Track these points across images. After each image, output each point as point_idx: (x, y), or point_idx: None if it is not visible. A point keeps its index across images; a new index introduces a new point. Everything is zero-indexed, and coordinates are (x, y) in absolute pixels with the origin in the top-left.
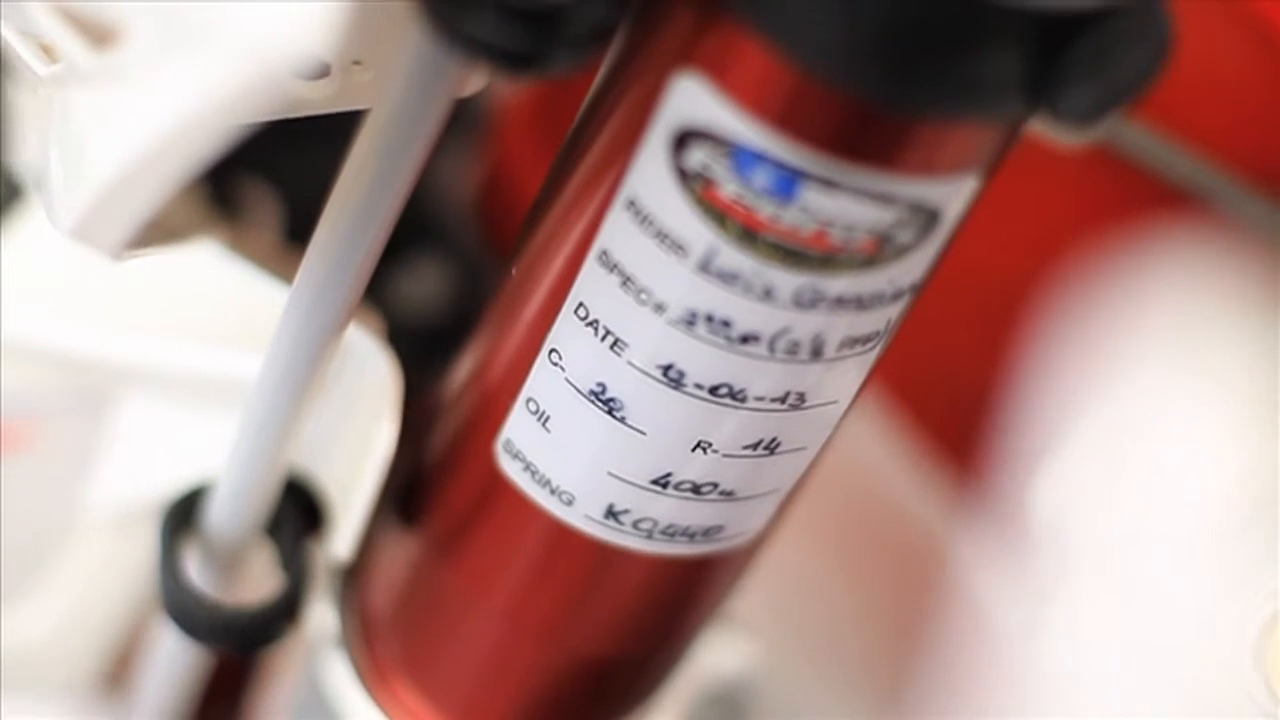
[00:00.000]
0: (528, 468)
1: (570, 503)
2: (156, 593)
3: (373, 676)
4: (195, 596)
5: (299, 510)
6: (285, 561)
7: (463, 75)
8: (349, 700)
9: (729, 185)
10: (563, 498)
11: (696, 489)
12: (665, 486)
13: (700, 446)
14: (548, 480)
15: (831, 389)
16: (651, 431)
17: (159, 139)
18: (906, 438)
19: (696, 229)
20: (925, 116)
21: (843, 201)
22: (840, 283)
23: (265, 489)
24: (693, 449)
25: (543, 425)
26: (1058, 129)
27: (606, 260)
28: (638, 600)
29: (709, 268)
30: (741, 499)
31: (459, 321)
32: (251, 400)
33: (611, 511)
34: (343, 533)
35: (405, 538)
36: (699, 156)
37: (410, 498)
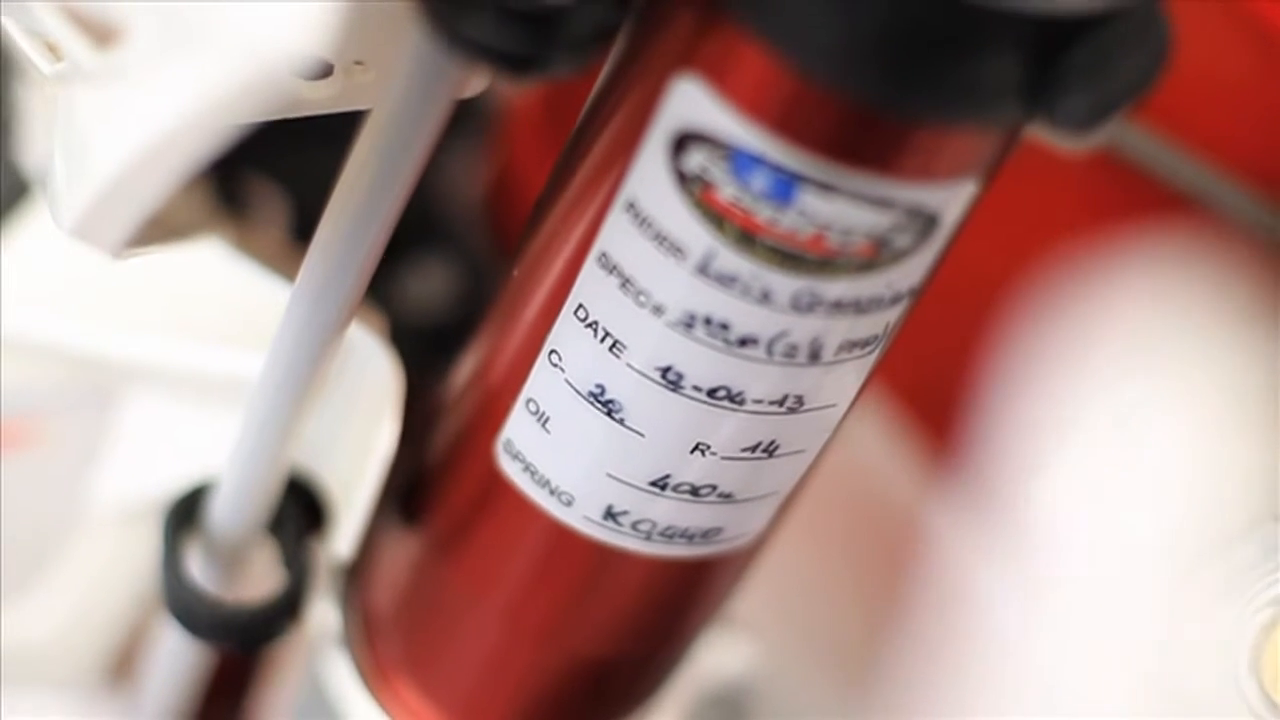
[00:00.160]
0: (527, 468)
1: (569, 503)
2: (159, 590)
3: (374, 675)
4: (197, 594)
5: (301, 509)
6: (287, 560)
7: (463, 77)
8: (350, 699)
9: (727, 188)
10: (562, 498)
11: (695, 491)
12: (664, 488)
13: (699, 448)
14: (547, 481)
15: (830, 392)
16: (650, 433)
17: (158, 138)
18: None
19: (695, 231)
20: (923, 121)
21: (840, 205)
22: (838, 286)
23: (267, 487)
24: (691, 451)
25: (542, 426)
26: (1056, 135)
27: (606, 262)
28: (637, 601)
29: (707, 270)
30: (740, 501)
31: (465, 321)
32: (253, 399)
33: (610, 512)
34: (344, 531)
35: (406, 537)
36: (698, 159)
37: (412, 497)
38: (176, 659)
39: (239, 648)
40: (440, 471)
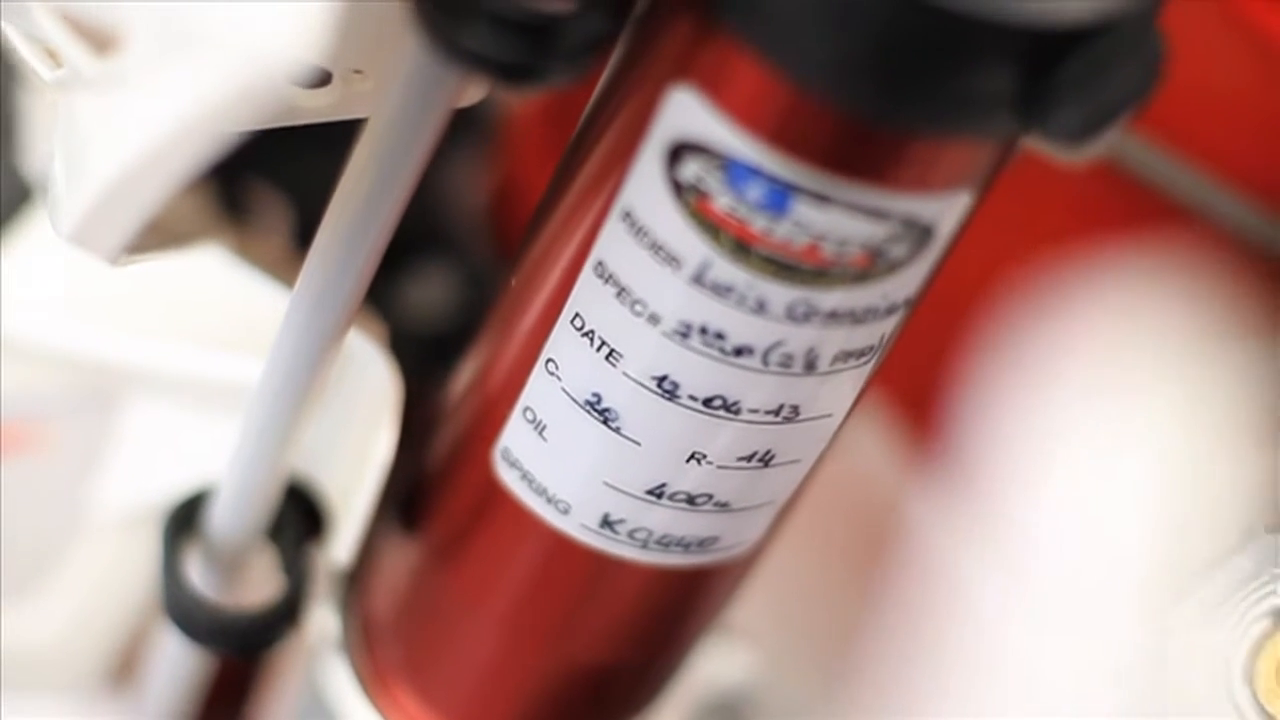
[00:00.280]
0: (524, 476)
1: (566, 511)
2: (158, 596)
3: (373, 681)
4: (196, 599)
5: (300, 515)
6: (286, 566)
7: (460, 86)
8: (349, 705)
9: (722, 198)
10: (559, 506)
11: (691, 500)
12: (660, 497)
13: (695, 458)
14: (544, 489)
15: (826, 402)
16: (646, 442)
17: (155, 144)
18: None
19: (690, 241)
20: (917, 133)
21: (835, 216)
22: (833, 297)
23: (266, 493)
24: (687, 460)
25: (539, 434)
26: (1051, 147)
27: (602, 271)
28: (635, 609)
29: (703, 280)
30: (737, 510)
31: (466, 329)
32: (252, 405)
33: (607, 521)
34: (343, 538)
35: (406, 544)
36: (693, 169)
37: (411, 504)
38: (176, 664)
39: (238, 653)
40: (439, 479)
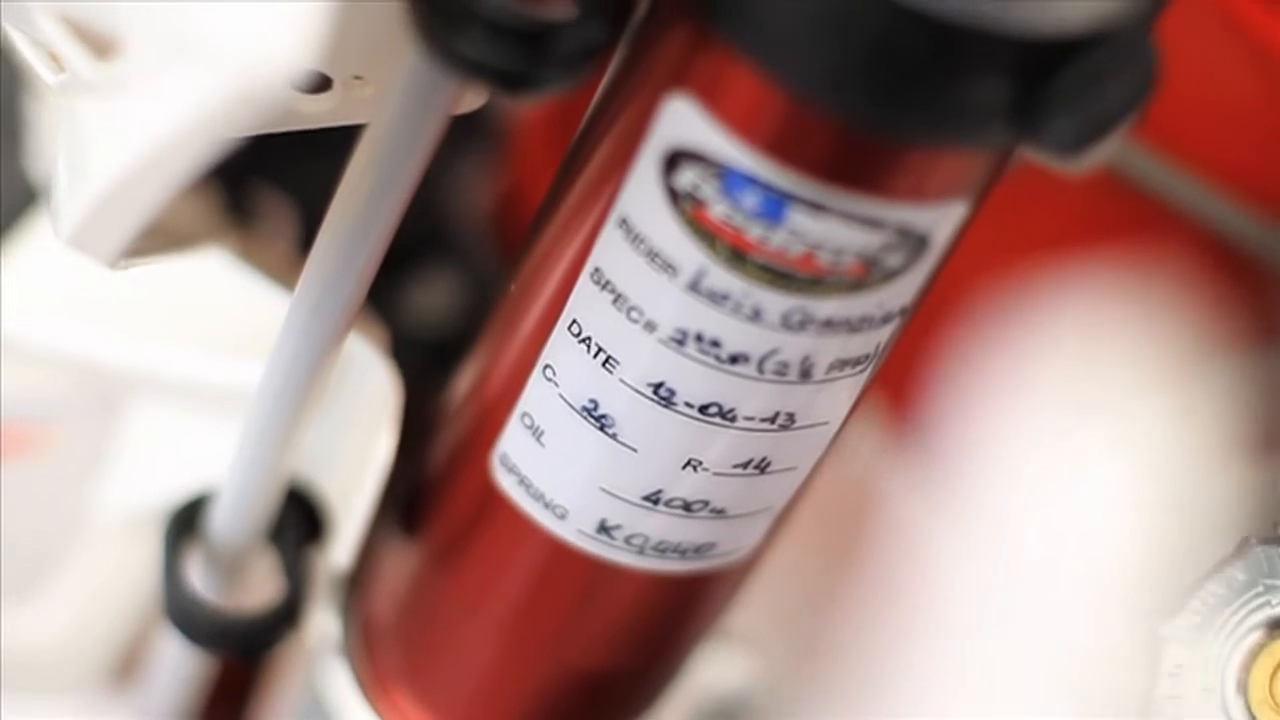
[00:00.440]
0: (522, 481)
1: (563, 517)
2: (159, 598)
3: (373, 685)
4: (196, 602)
5: (300, 518)
6: (286, 568)
7: (457, 93)
8: (349, 708)
9: (718, 206)
10: (556, 512)
11: (687, 506)
12: (656, 503)
13: (691, 464)
14: (541, 494)
15: (822, 410)
16: (643, 449)
17: (153, 149)
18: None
19: (686, 249)
20: (912, 143)
21: (830, 225)
22: (829, 305)
23: (266, 497)
24: (683, 467)
25: (537, 440)
26: (1045, 157)
27: (599, 278)
28: (632, 615)
29: (698, 287)
30: (733, 517)
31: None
32: (253, 409)
33: (604, 526)
34: (343, 541)
35: (406, 548)
36: (689, 177)
37: (410, 508)
38: (177, 666)
39: (238, 655)
40: (438, 483)
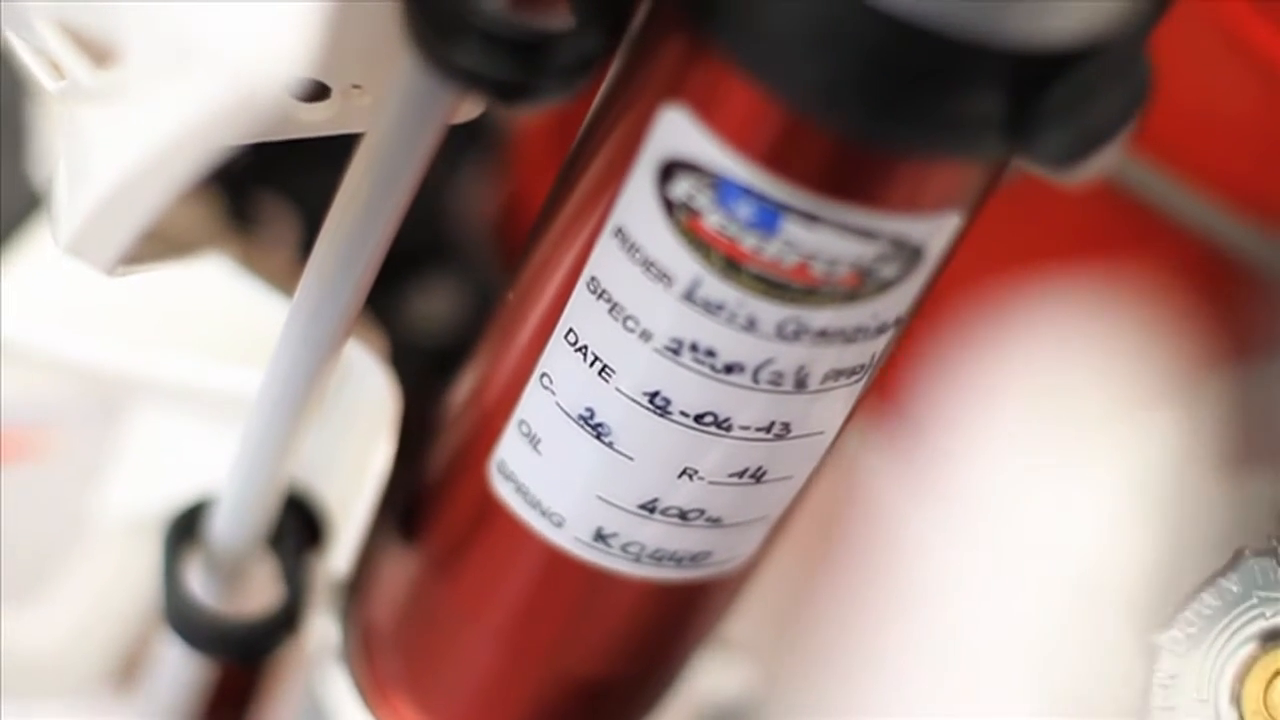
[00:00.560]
0: (519, 489)
1: (560, 524)
2: (160, 603)
3: (372, 691)
4: (196, 607)
5: (300, 524)
6: (286, 574)
7: (454, 103)
8: (349, 713)
9: (713, 216)
10: (553, 519)
11: (683, 515)
12: (652, 511)
13: (686, 473)
14: (538, 502)
15: (817, 420)
16: (639, 457)
17: (149, 157)
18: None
19: (681, 258)
20: (906, 154)
21: (824, 235)
22: (823, 316)
23: (265, 503)
24: (679, 475)
25: (534, 448)
26: (1038, 170)
27: (595, 287)
28: (629, 622)
29: (693, 297)
30: (729, 526)
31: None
32: (252, 415)
33: (600, 534)
34: (342, 547)
35: (405, 554)
36: (684, 187)
37: (409, 515)
38: (177, 671)
39: (238, 660)
40: (437, 490)
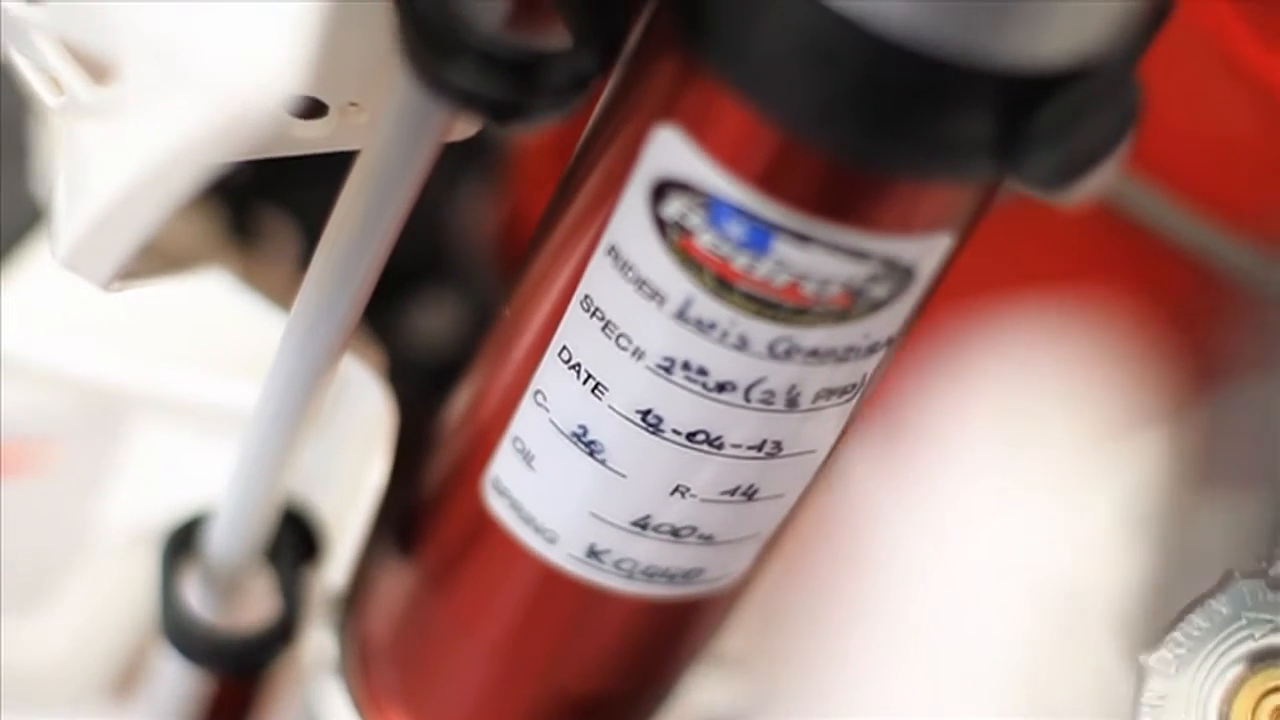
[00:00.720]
0: (513, 505)
1: (553, 541)
2: (157, 617)
3: (368, 704)
4: (192, 620)
5: (296, 538)
6: (282, 588)
7: (448, 121)
8: None
9: (704, 235)
10: (546, 536)
11: (675, 532)
12: (645, 528)
13: (679, 491)
14: (532, 518)
15: (809, 438)
16: (631, 474)
17: (144, 173)
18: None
19: (673, 277)
20: (897, 176)
21: (816, 255)
22: (815, 335)
23: (262, 517)
24: (671, 493)
25: (528, 464)
26: (1029, 191)
27: (589, 305)
28: (622, 639)
29: (685, 316)
30: (721, 543)
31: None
32: (249, 429)
33: (593, 551)
34: (338, 561)
35: (401, 569)
36: (676, 206)
37: (406, 530)
38: (175, 684)
39: (234, 673)
40: (432, 506)
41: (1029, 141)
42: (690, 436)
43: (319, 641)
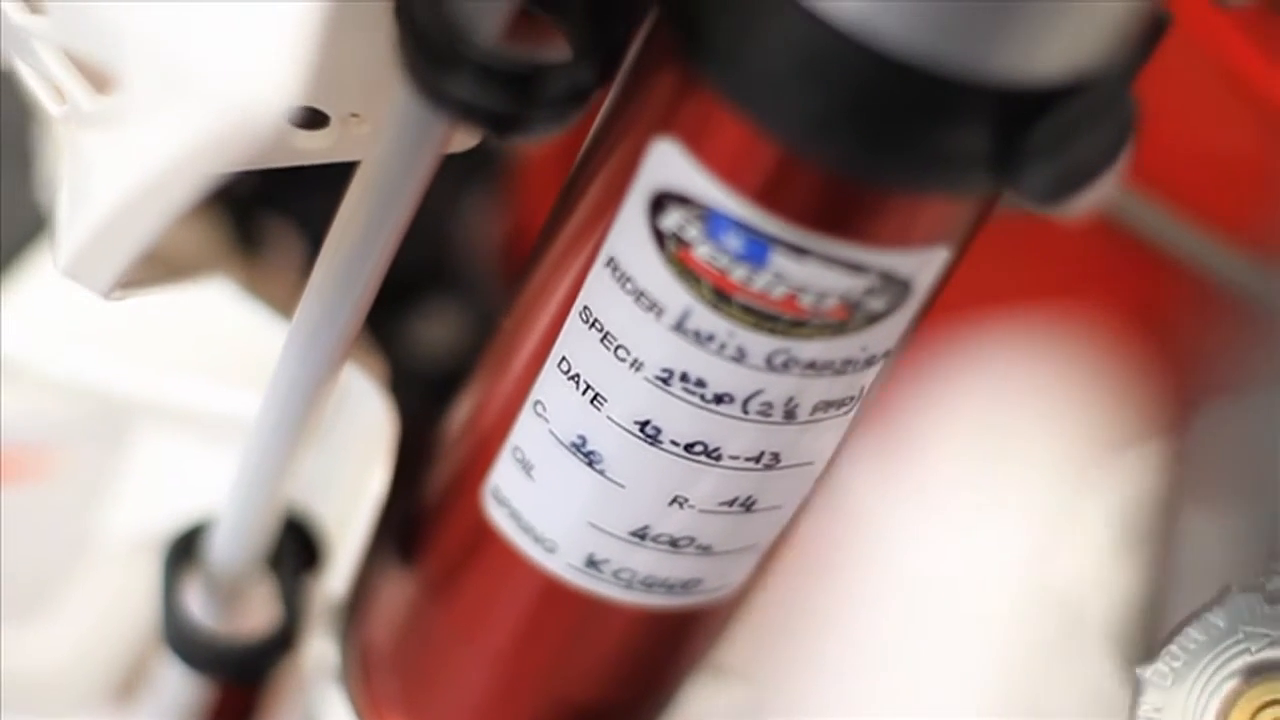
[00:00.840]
0: (513, 515)
1: (553, 550)
2: (159, 623)
3: (369, 711)
4: (193, 627)
5: (297, 546)
6: (284, 595)
7: (447, 132)
8: None
9: (702, 247)
10: (545, 545)
11: (674, 543)
12: (643, 538)
13: (677, 501)
14: (531, 527)
15: (807, 450)
16: (630, 485)
17: (143, 183)
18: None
19: (672, 289)
20: (894, 190)
21: (813, 268)
22: (812, 347)
23: (263, 525)
24: (670, 503)
25: (527, 474)
26: (1026, 205)
27: (588, 316)
28: (621, 648)
29: (684, 327)
30: (719, 554)
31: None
32: (250, 438)
33: (592, 561)
34: (339, 569)
35: (402, 577)
36: (674, 218)
37: (406, 538)
38: (176, 691)
39: (236, 680)
40: (433, 515)
41: (1025, 156)
42: (688, 448)
43: (320, 649)
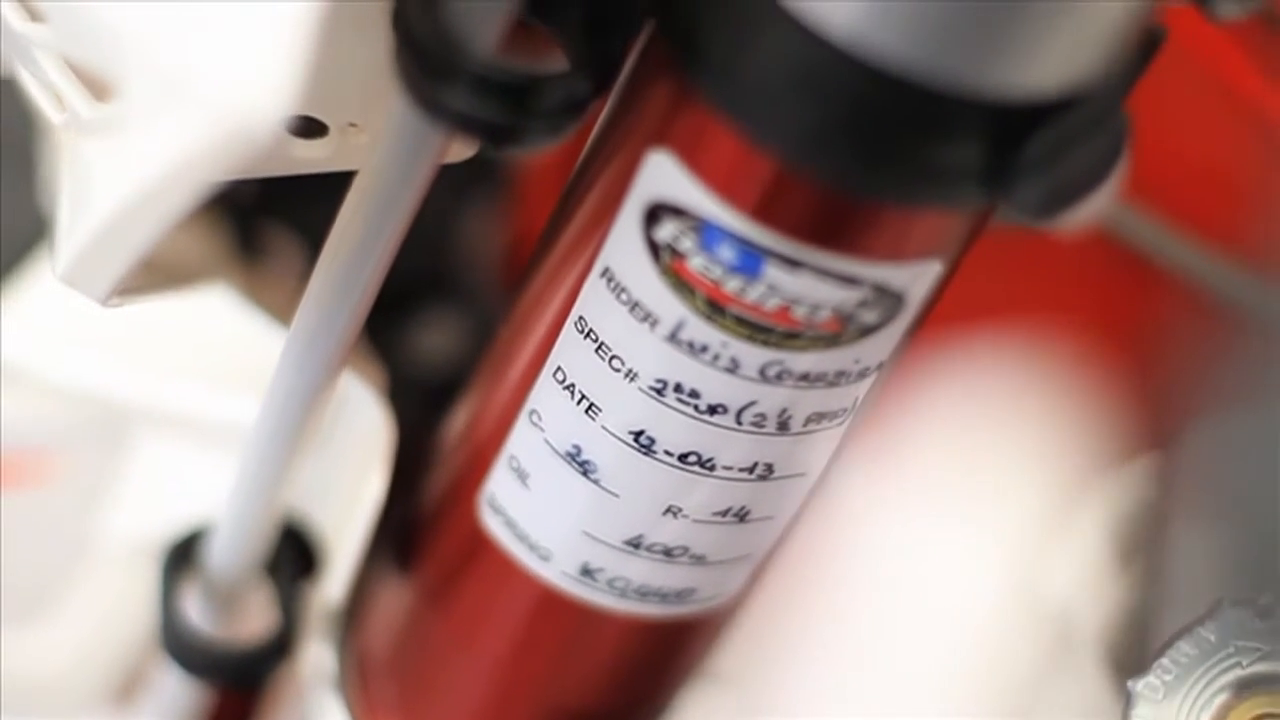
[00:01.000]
0: (508, 523)
1: (547, 559)
2: (156, 628)
3: (366, 718)
4: (191, 632)
5: (295, 552)
6: (281, 601)
7: (444, 142)
8: None
9: (696, 259)
10: (540, 554)
11: (668, 552)
12: (638, 548)
13: (671, 511)
14: (526, 536)
15: (800, 461)
16: (624, 494)
17: (141, 191)
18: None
19: (666, 300)
20: (887, 203)
21: (807, 280)
22: (806, 359)
23: (261, 531)
24: (664, 513)
25: (523, 483)
26: (1019, 220)
27: (583, 326)
28: (615, 657)
29: (678, 338)
30: (713, 564)
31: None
32: (248, 444)
33: (586, 569)
34: (336, 575)
35: (399, 584)
36: (669, 230)
37: (404, 546)
38: (174, 696)
39: (233, 686)
40: (430, 522)
41: (1019, 170)
42: (682, 458)
43: (317, 655)
